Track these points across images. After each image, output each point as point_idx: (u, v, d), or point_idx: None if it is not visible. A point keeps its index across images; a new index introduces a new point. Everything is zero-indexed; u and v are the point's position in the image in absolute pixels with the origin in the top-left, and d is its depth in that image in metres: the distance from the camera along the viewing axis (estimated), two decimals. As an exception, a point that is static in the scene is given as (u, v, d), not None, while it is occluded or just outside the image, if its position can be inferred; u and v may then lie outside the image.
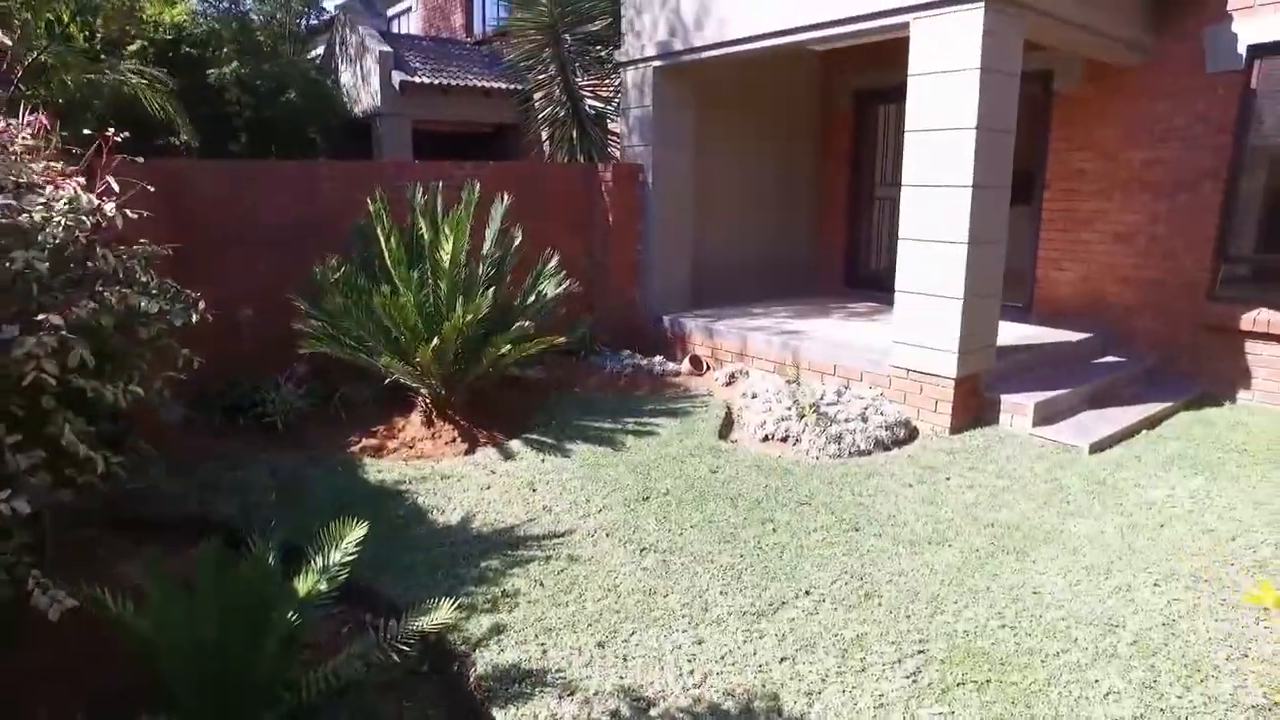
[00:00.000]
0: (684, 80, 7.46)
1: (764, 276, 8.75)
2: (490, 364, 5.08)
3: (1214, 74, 6.12)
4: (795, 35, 6.07)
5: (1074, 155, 6.93)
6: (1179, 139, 6.34)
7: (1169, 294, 6.50)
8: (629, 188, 7.57)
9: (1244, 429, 5.48)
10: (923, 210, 5.32)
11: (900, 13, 5.25)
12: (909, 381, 5.52)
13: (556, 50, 8.65)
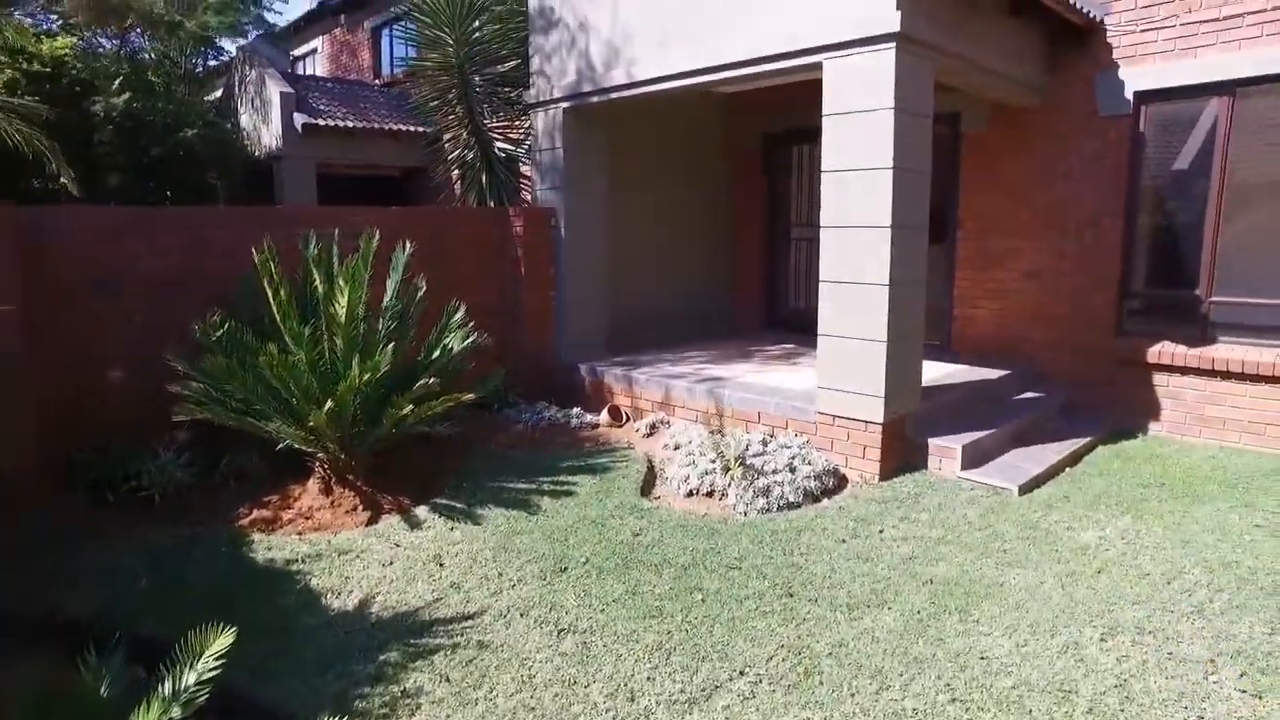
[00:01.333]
0: (594, 122, 7.30)
1: (681, 320, 8.60)
2: (392, 425, 4.66)
3: (1106, 117, 6.33)
4: (706, 76, 5.98)
5: (984, 195, 7.05)
6: (1079, 179, 6.51)
7: (1080, 330, 6.61)
8: (541, 232, 7.32)
9: (1159, 461, 5.54)
10: (842, 252, 5.23)
11: (812, 53, 5.21)
12: (835, 428, 5.37)
13: (464, 92, 8.38)
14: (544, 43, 7.34)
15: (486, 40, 8.39)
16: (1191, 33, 5.91)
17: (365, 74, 15.99)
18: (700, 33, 5.92)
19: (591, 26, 6.82)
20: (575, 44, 7.01)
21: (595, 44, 6.81)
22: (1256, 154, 5.85)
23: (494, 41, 8.43)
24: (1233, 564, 3.87)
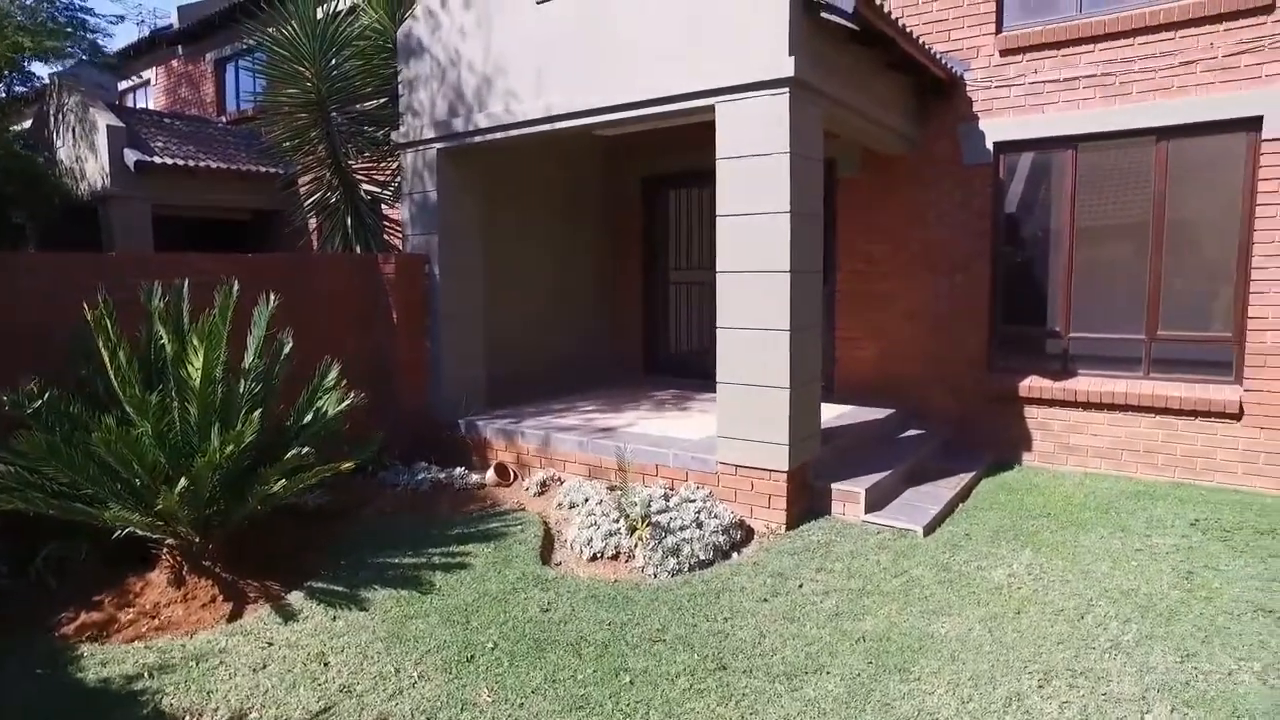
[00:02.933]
0: (470, 163, 6.97)
1: (563, 368, 8.33)
2: (259, 502, 4.08)
3: (970, 165, 6.70)
4: (591, 118, 5.81)
5: (860, 238, 7.28)
6: (949, 223, 6.84)
7: (956, 368, 6.89)
8: (414, 280, 6.86)
9: (1039, 492, 5.78)
10: (741, 298, 5.15)
11: (705, 95, 5.16)
12: (739, 478, 5.24)
13: (326, 130, 7.82)
14: (414, 79, 6.97)
15: (350, 76, 7.89)
16: (1038, 91, 6.38)
17: (208, 109, 14.85)
18: (585, 73, 5.77)
19: (466, 63, 6.54)
20: (448, 81, 6.69)
21: (470, 81, 6.52)
22: (1099, 202, 6.36)
23: (358, 77, 7.95)
24: (1130, 591, 4.01)
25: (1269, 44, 5.63)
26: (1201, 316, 6.10)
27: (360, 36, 7.90)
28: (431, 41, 6.77)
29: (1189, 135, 5.96)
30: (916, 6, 6.82)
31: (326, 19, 7.68)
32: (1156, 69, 5.96)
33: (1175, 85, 5.92)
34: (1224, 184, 5.93)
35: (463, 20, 6.51)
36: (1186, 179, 6.04)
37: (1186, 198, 6.06)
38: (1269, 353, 5.76)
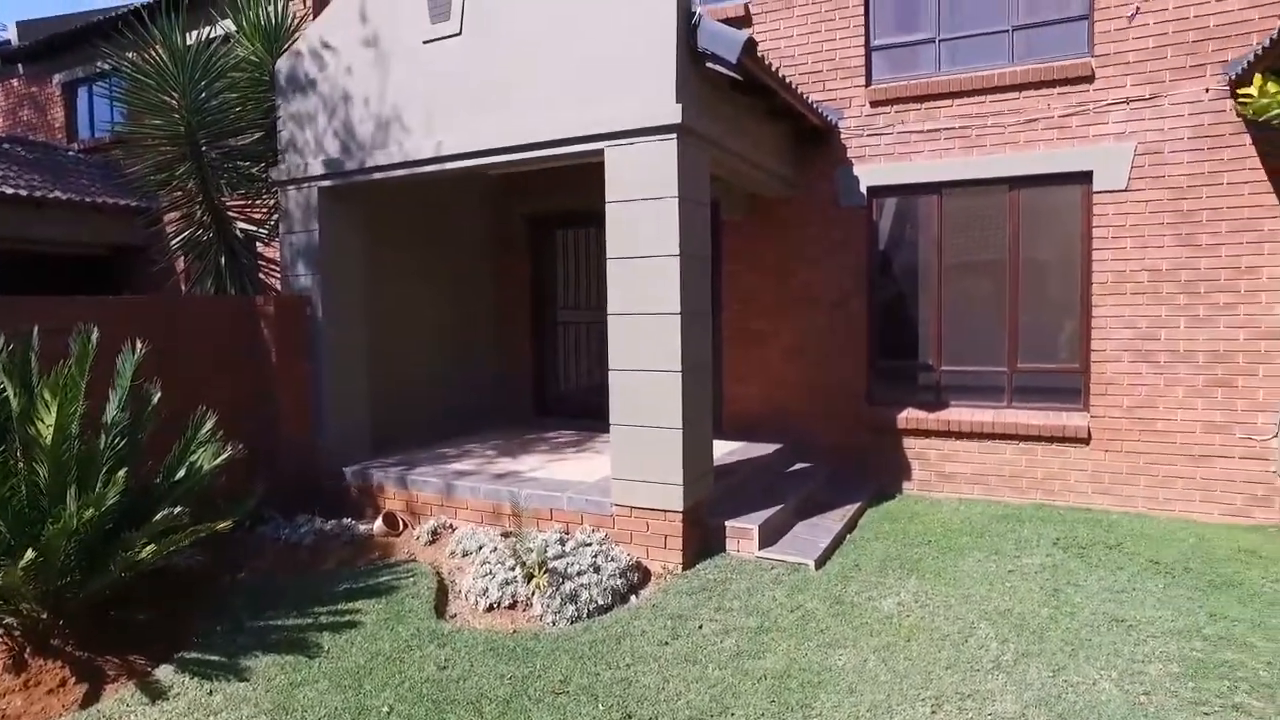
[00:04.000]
0: (354, 202, 6.77)
1: (454, 410, 8.15)
2: (123, 570, 3.75)
3: (847, 208, 7.09)
4: (481, 159, 5.77)
5: (744, 277, 7.53)
6: (828, 262, 7.19)
7: (839, 402, 7.19)
8: (295, 322, 6.56)
9: (919, 520, 6.09)
10: (632, 339, 5.20)
11: (595, 140, 5.23)
12: (634, 520, 5.25)
13: (197, 165, 7.39)
14: (295, 114, 6.73)
15: (224, 108, 7.51)
16: (906, 140, 6.85)
17: (57, 135, 13.75)
18: (476, 113, 5.74)
19: (351, 99, 6.38)
20: (332, 117, 6.50)
21: (356, 118, 6.36)
22: (963, 242, 6.86)
23: (233, 110, 7.58)
24: (1006, 612, 4.27)
25: (1093, 108, 6.29)
26: (1054, 349, 6.66)
27: (235, 68, 7.56)
28: (315, 75, 6.58)
29: (1035, 185, 6.54)
30: (794, 58, 7.21)
31: (199, 46, 7.31)
32: (1005, 125, 6.53)
33: (1022, 140, 6.50)
34: (1066, 229, 6.53)
35: (349, 55, 6.36)
36: (1035, 224, 6.62)
37: (1037, 240, 6.63)
38: (1110, 382, 6.34)
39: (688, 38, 5.02)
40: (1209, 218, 6.06)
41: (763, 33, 7.29)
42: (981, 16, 6.72)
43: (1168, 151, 6.13)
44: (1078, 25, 6.44)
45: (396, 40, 6.10)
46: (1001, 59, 6.64)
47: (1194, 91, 6.04)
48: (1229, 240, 6.01)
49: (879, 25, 7.05)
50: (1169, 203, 6.15)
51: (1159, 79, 6.12)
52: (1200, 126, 6.04)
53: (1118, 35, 6.22)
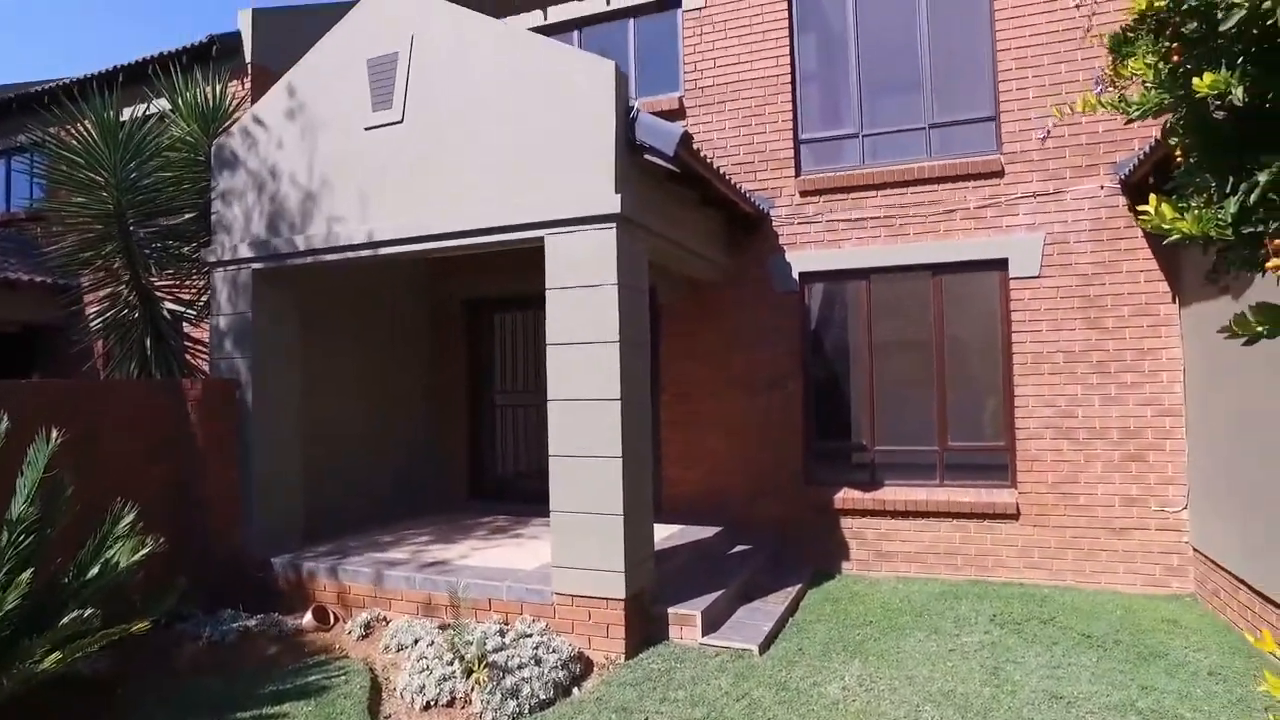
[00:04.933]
0: (287, 284, 6.69)
1: (389, 496, 7.94)
2: (21, 682, 3.47)
3: (781, 293, 7.33)
4: (419, 245, 5.81)
5: (682, 361, 7.65)
6: (764, 346, 7.37)
7: (777, 483, 7.27)
8: (224, 406, 6.36)
9: (860, 600, 6.12)
10: (573, 425, 5.19)
11: (534, 228, 5.33)
12: (576, 609, 5.13)
13: (124, 244, 7.20)
14: (230, 196, 6.67)
15: (156, 187, 7.38)
16: (834, 228, 7.18)
17: (-30, 211, 13.24)
18: (414, 200, 5.80)
19: (287, 183, 6.37)
20: (267, 200, 6.47)
21: (291, 202, 6.34)
22: (892, 325, 7.14)
23: (166, 189, 7.45)
24: (950, 693, 4.29)
25: (1005, 201, 6.74)
26: (981, 427, 6.91)
27: (170, 147, 7.47)
28: (251, 158, 6.56)
29: (956, 271, 6.91)
30: (726, 149, 7.54)
31: (132, 124, 7.21)
32: (926, 215, 6.93)
33: (942, 229, 6.89)
34: (987, 312, 6.88)
35: (287, 139, 6.38)
36: (958, 307, 6.95)
37: (960, 323, 6.95)
38: (1034, 459, 6.59)
39: (626, 131, 5.22)
40: (1113, 303, 6.47)
41: (696, 125, 7.63)
42: (900, 115, 7.19)
43: (1073, 242, 6.57)
44: (986, 125, 6.95)
45: (337, 126, 6.16)
46: (920, 154, 7.08)
47: (1091, 188, 6.54)
48: (1131, 324, 6.42)
49: (806, 120, 7.47)
50: (1077, 289, 6.56)
51: (1060, 176, 6.61)
52: (1099, 220, 6.52)
53: (1022, 135, 6.73)
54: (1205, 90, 1.83)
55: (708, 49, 7.67)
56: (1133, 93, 2.47)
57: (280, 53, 9.21)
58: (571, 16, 8.27)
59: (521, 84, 5.45)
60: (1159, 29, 2.05)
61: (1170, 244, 2.13)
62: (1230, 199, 2.04)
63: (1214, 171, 2.11)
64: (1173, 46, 1.99)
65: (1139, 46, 2.33)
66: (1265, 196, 1.87)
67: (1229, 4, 1.70)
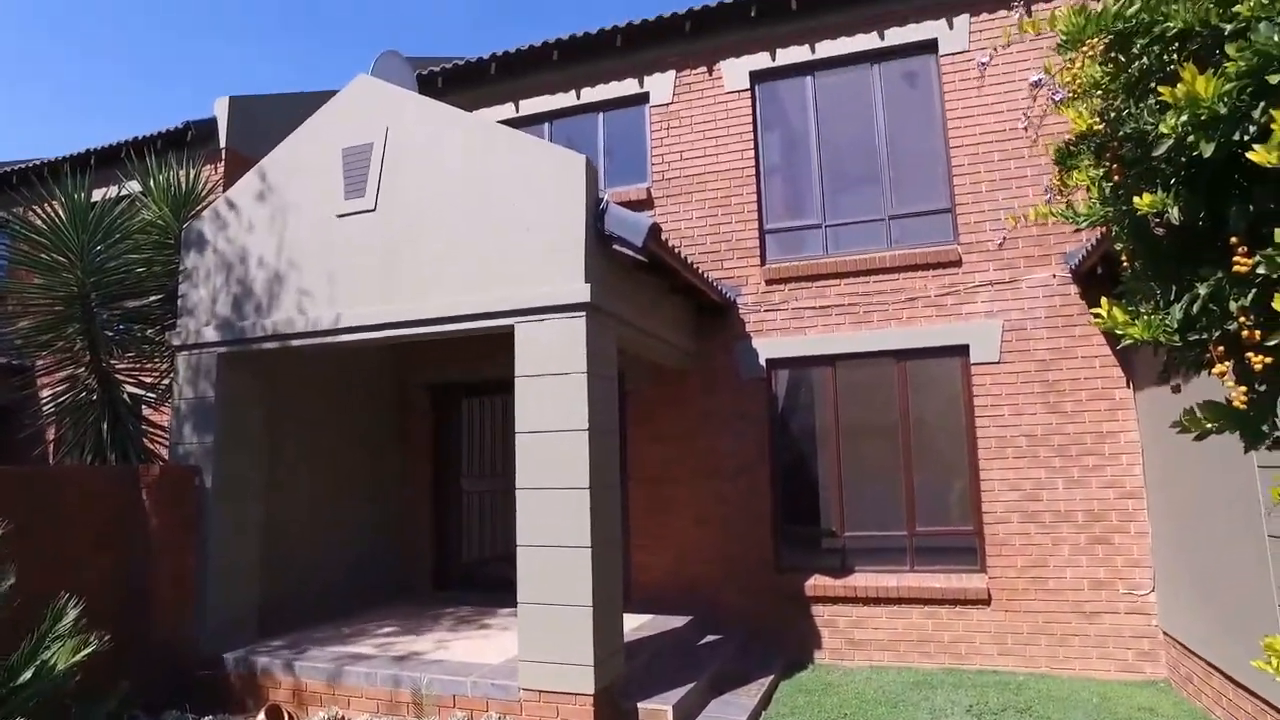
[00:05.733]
0: (252, 368, 6.61)
1: (350, 585, 7.69)
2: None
3: (748, 379, 7.40)
4: (389, 331, 5.80)
5: (650, 446, 7.63)
6: (731, 432, 7.39)
7: (747, 570, 7.19)
8: (181, 493, 6.17)
9: (833, 691, 5.99)
10: (541, 514, 5.11)
11: (505, 316, 5.36)
12: (543, 705, 4.95)
13: (87, 326, 7.09)
14: (199, 279, 6.64)
15: (125, 269, 7.31)
16: (800, 315, 7.33)
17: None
18: (384, 287, 5.82)
19: (255, 266, 6.37)
20: (235, 283, 6.45)
21: (261, 286, 6.33)
22: (859, 411, 7.23)
23: (135, 270, 7.37)
24: (925, 798, 4.17)
25: (964, 289, 6.96)
26: (949, 511, 6.94)
27: (140, 230, 7.46)
28: (222, 242, 6.57)
29: (919, 357, 7.06)
30: (694, 238, 7.73)
31: (103, 206, 7.20)
32: (889, 303, 7.11)
33: (905, 316, 7.07)
34: (950, 397, 7.00)
35: (259, 224, 6.41)
36: (923, 392, 7.07)
37: (925, 408, 7.06)
38: (1003, 542, 6.62)
39: (596, 222, 5.34)
40: (1070, 387, 6.64)
41: (665, 214, 7.84)
42: (861, 206, 7.47)
43: (1030, 328, 6.78)
44: (943, 217, 7.23)
45: (309, 212, 6.22)
46: (881, 244, 7.33)
47: (1044, 277, 6.79)
48: (1089, 407, 6.58)
49: (771, 211, 7.72)
50: (1036, 373, 6.72)
51: (1015, 265, 6.87)
52: (1053, 307, 6.75)
53: (977, 226, 7.01)
54: (1145, 209, 1.94)
55: (675, 142, 7.95)
56: (1079, 200, 2.60)
57: (255, 138, 9.35)
58: (542, 109, 8.54)
59: (493, 175, 5.58)
60: (1100, 150, 2.18)
61: (1124, 347, 2.22)
62: (1175, 305, 2.13)
63: (1158, 279, 2.21)
64: (1113, 166, 2.12)
65: (1082, 160, 2.47)
66: (1206, 307, 1.96)
67: (1158, 134, 1.82)
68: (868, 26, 7.52)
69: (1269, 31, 1.60)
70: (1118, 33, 1.96)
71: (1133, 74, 2.02)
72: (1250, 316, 1.86)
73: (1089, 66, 2.09)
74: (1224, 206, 1.92)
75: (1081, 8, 2.02)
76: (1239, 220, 1.84)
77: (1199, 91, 1.67)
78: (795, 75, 7.80)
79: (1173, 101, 1.74)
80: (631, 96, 8.23)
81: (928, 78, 7.41)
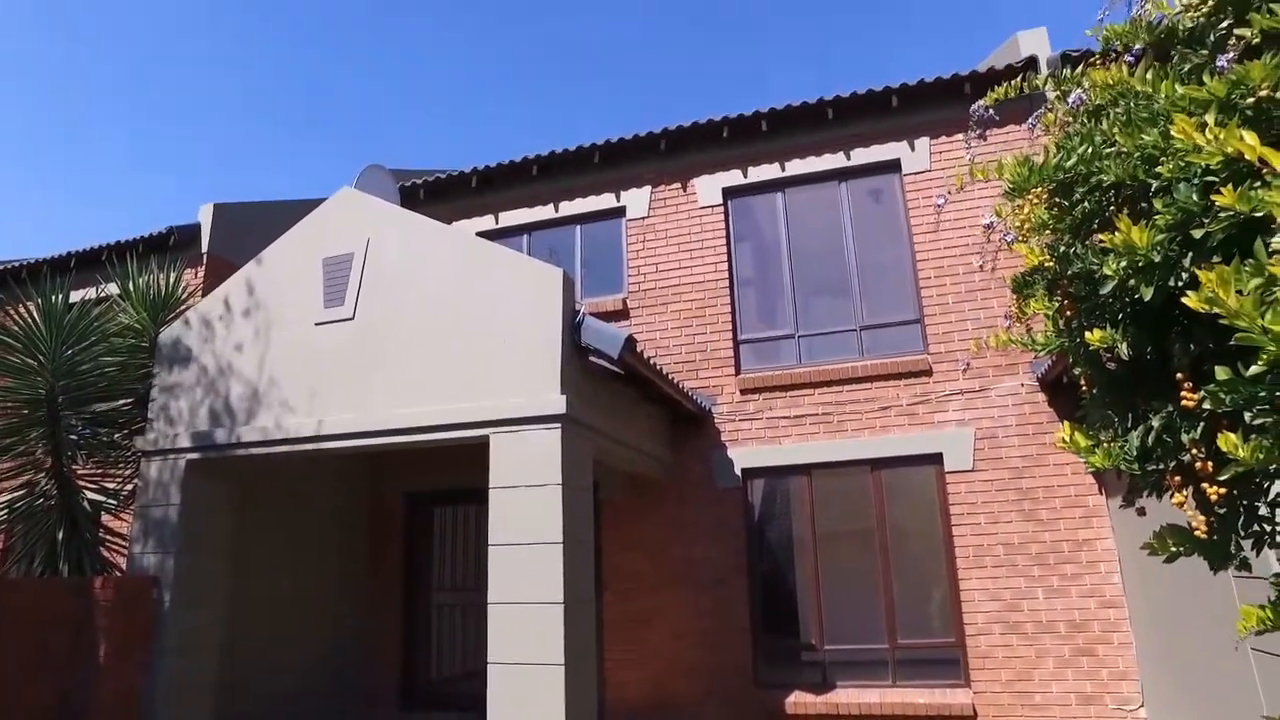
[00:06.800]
0: (221, 477, 6.48)
1: (311, 703, 7.31)
2: None
3: (724, 488, 7.38)
4: (364, 440, 5.76)
5: (626, 558, 7.50)
6: (708, 542, 7.31)
7: (727, 686, 6.96)
8: (137, 606, 5.91)
9: (816, 821, 5.70)
10: (513, 629, 4.96)
11: (480, 426, 5.35)
12: (512, 838, 4.67)
13: (52, 430, 6.94)
14: (173, 385, 6.59)
15: (97, 373, 7.23)
16: (775, 424, 7.39)
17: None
18: (362, 396, 5.81)
19: (233, 374, 6.34)
20: (209, 389, 6.41)
21: (236, 393, 6.29)
22: (836, 520, 7.19)
23: (108, 373, 7.30)
24: None
25: (935, 398, 7.08)
26: (930, 622, 6.82)
27: (116, 334, 7.44)
28: (198, 347, 6.56)
29: (893, 466, 7.09)
30: (669, 348, 7.85)
31: (80, 309, 7.18)
32: (863, 411, 7.20)
33: (878, 425, 7.15)
34: (926, 506, 7.01)
35: (237, 330, 6.43)
36: (899, 501, 7.07)
37: (902, 517, 7.05)
38: (985, 655, 6.48)
39: (572, 334, 5.42)
40: (1045, 495, 6.68)
41: (640, 324, 7.98)
42: (832, 317, 7.67)
43: (1001, 436, 6.87)
44: (912, 327, 7.43)
45: (288, 320, 6.26)
46: (853, 353, 7.49)
47: (1013, 385, 6.94)
48: (1064, 515, 6.60)
49: (745, 321, 7.89)
50: (1010, 481, 6.77)
51: (984, 374, 7.02)
52: (1023, 415, 6.87)
53: (945, 336, 7.20)
54: (1096, 344, 2.03)
55: (651, 254, 8.19)
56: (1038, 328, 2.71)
57: (237, 244, 9.50)
58: (522, 221, 8.80)
59: (471, 286, 5.69)
60: (1051, 286, 2.30)
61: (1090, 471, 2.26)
62: (1133, 433, 2.19)
63: (1114, 408, 2.28)
64: (1065, 302, 2.22)
65: (1037, 289, 2.59)
66: (1160, 438, 2.02)
67: (1102, 275, 1.93)
68: (834, 147, 7.93)
69: (1188, 191, 1.72)
70: (1059, 182, 2.10)
71: (1076, 216, 2.15)
72: (1201, 449, 1.92)
73: (1036, 209, 2.22)
74: (1169, 342, 2.01)
75: (1025, 159, 2.17)
76: (1182, 357, 1.92)
77: (1135, 240, 1.78)
78: (767, 191, 8.15)
79: (1112, 248, 1.85)
80: (609, 210, 8.52)
81: (893, 194, 7.77)
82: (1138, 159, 1.84)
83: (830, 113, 7.86)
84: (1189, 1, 1.88)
